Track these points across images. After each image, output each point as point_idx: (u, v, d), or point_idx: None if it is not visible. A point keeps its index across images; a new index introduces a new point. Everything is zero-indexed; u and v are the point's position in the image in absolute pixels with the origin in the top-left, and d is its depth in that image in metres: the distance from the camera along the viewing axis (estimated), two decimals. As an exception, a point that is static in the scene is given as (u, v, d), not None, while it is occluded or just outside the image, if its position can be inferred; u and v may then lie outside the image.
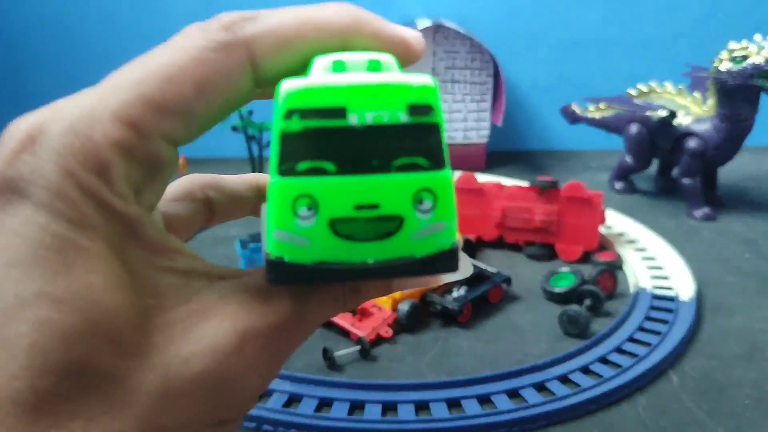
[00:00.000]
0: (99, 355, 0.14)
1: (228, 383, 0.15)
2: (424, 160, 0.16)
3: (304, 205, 0.15)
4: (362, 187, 0.15)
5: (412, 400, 0.43)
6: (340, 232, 0.15)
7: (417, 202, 0.16)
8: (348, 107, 0.15)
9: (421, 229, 0.16)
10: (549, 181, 0.68)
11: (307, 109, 0.15)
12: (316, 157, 0.15)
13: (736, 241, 0.74)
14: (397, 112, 0.15)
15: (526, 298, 0.60)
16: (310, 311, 0.17)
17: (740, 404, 0.44)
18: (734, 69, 0.74)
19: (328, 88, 0.15)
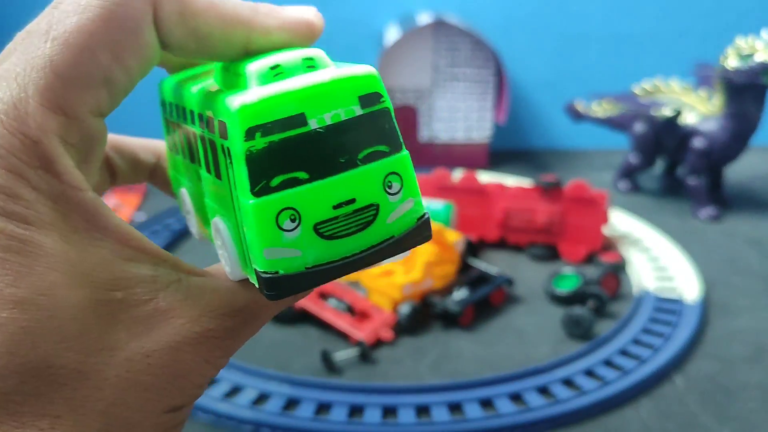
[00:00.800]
0: (64, 353, 0.14)
1: (184, 376, 0.16)
2: (384, 147, 0.16)
3: (288, 217, 0.15)
4: (337, 185, 0.16)
5: (412, 403, 0.43)
6: (325, 234, 0.16)
7: (387, 187, 0.16)
8: (307, 113, 0.15)
9: (394, 211, 0.17)
10: (552, 181, 0.68)
11: (268, 124, 0.15)
12: (287, 169, 0.15)
13: (741, 242, 0.74)
14: (351, 107, 0.16)
15: (528, 299, 0.60)
16: (267, 309, 0.18)
17: (746, 407, 0.43)
18: (741, 67, 0.73)
19: (283, 97, 0.15)
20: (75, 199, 0.15)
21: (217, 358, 0.17)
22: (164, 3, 0.16)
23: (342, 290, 0.56)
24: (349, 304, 0.54)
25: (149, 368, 0.16)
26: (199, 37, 0.17)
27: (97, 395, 0.15)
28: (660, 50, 1.14)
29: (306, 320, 0.55)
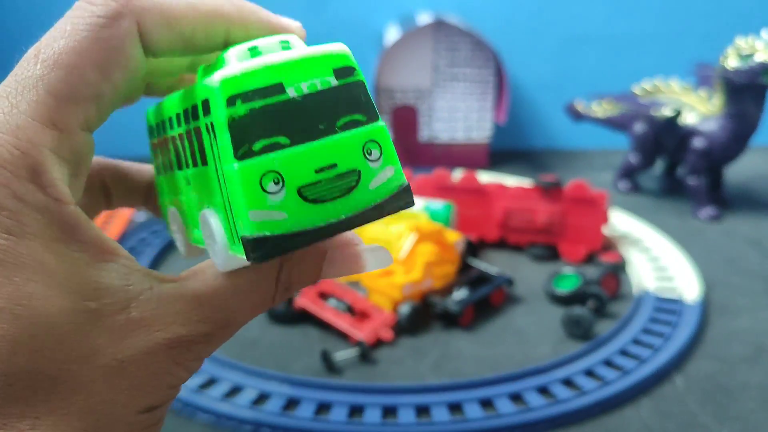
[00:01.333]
0: (43, 359, 0.15)
1: (157, 378, 0.17)
2: (361, 116, 0.17)
3: (271, 180, 0.16)
4: (318, 151, 0.16)
5: (412, 403, 0.43)
6: (309, 197, 0.16)
7: (367, 154, 0.17)
8: (284, 82, 0.16)
9: (376, 177, 0.17)
10: (552, 181, 0.68)
11: (248, 92, 0.16)
12: (268, 134, 0.16)
13: (741, 242, 0.74)
14: (327, 78, 0.17)
15: (528, 299, 0.60)
16: (242, 314, 0.18)
17: (746, 407, 0.43)
18: (741, 67, 0.73)
19: (261, 69, 0.16)
20: (58, 211, 0.16)
21: (189, 361, 0.18)
22: (148, 16, 0.17)
23: (342, 290, 0.56)
24: (349, 304, 0.54)
25: (124, 372, 0.16)
26: (185, 38, 0.18)
27: (74, 398, 0.16)
28: (660, 51, 1.14)
29: (306, 320, 0.55)
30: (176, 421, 0.43)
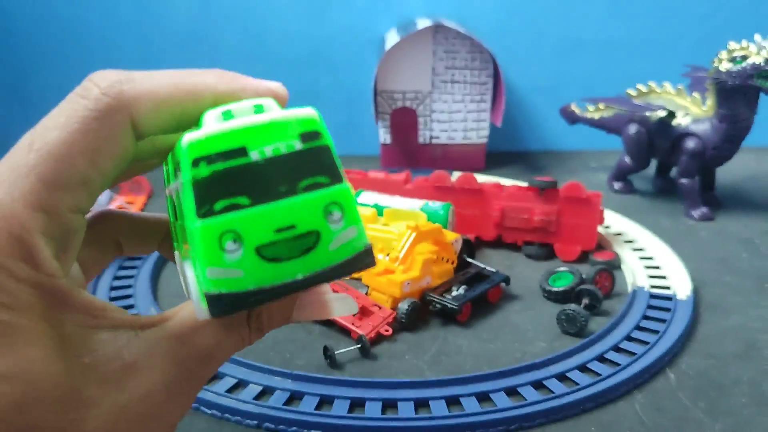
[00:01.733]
0: (45, 415, 0.17)
1: (156, 420, 0.19)
2: (324, 178, 0.18)
3: (230, 239, 0.17)
4: (277, 212, 0.17)
5: (411, 398, 0.43)
6: (267, 257, 0.17)
7: (328, 215, 0.18)
8: (248, 146, 0.17)
9: (336, 238, 0.18)
10: (548, 182, 0.68)
11: (211, 155, 0.17)
12: (229, 195, 0.17)
13: (733, 241, 0.75)
14: (291, 142, 0.18)
15: (524, 297, 0.61)
16: (221, 351, 0.20)
17: (737, 402, 0.44)
18: (734, 69, 0.74)
19: (225, 133, 0.17)
20: (50, 285, 0.18)
21: (184, 400, 0.20)
22: (139, 106, 0.18)
23: (343, 288, 0.57)
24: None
25: (125, 417, 0.18)
26: (175, 117, 0.19)
27: None
28: (654, 56, 1.15)
29: (307, 317, 0.56)
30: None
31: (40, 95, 1.14)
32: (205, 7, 1.10)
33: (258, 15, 1.11)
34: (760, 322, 0.55)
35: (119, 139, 0.18)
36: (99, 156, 0.18)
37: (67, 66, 1.12)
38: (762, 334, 0.53)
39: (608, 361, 0.48)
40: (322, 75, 1.15)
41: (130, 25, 1.10)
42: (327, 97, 1.16)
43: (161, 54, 1.12)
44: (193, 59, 1.13)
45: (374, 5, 1.11)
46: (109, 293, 0.59)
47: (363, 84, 1.14)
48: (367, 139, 1.18)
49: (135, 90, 0.18)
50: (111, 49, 1.12)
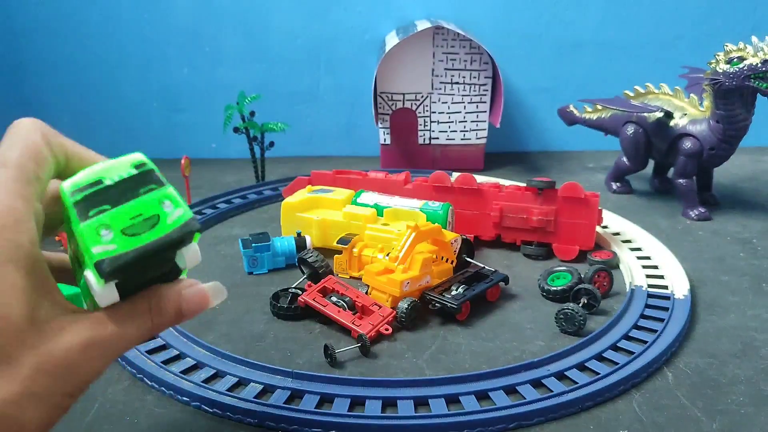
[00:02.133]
0: (9, 342, 0.25)
1: (75, 370, 0.26)
2: (155, 186, 0.29)
3: (102, 228, 0.27)
4: (129, 208, 0.28)
5: (411, 396, 0.44)
6: (128, 234, 0.27)
7: (162, 203, 0.28)
8: (102, 178, 0.28)
9: (170, 215, 0.28)
10: (546, 182, 0.69)
11: (80, 187, 0.28)
12: (96, 205, 0.27)
13: (730, 241, 0.75)
14: (130, 170, 0.29)
15: (523, 296, 0.61)
16: (130, 329, 0.28)
17: (734, 401, 0.44)
18: (730, 70, 0.74)
19: (87, 174, 0.28)
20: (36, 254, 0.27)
21: (96, 359, 0.27)
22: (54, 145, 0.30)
23: (344, 288, 0.57)
24: (351, 300, 0.55)
25: (54, 361, 0.26)
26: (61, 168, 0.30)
27: (18, 371, 0.25)
28: (651, 57, 1.15)
29: (309, 316, 0.56)
30: (183, 414, 0.43)
31: (40, 95, 1.14)
32: (206, 8, 1.11)
33: (259, 17, 1.11)
34: (758, 321, 0.56)
35: (48, 152, 0.29)
36: (42, 161, 0.28)
37: (67, 66, 1.13)
38: (759, 333, 0.54)
39: (606, 359, 0.49)
40: (323, 76, 1.15)
41: (131, 26, 1.11)
42: (327, 99, 1.17)
43: (162, 54, 1.13)
44: (194, 59, 1.13)
45: (374, 7, 1.11)
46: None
47: (363, 85, 1.14)
48: (367, 140, 1.18)
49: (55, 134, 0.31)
50: (112, 49, 1.12)
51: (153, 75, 1.14)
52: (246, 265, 0.67)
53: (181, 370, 0.47)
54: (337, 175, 0.80)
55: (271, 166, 1.08)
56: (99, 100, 1.15)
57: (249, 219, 0.85)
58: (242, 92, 0.94)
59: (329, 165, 1.10)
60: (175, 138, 1.18)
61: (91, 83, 1.14)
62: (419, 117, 1.04)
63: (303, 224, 0.71)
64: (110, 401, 0.45)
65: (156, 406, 0.44)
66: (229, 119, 0.92)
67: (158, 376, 0.46)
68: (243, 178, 1.04)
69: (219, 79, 1.14)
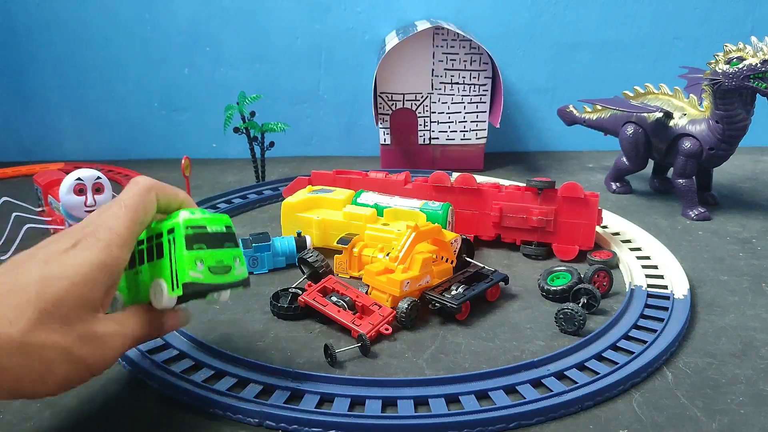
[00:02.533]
0: (80, 314, 0.35)
1: (101, 346, 0.36)
2: (234, 244, 0.41)
3: (197, 261, 0.39)
4: (217, 254, 0.40)
5: (411, 396, 0.44)
6: (212, 272, 0.39)
7: (234, 259, 0.41)
8: (207, 226, 0.40)
9: (237, 270, 0.41)
10: (546, 182, 0.69)
11: (191, 226, 0.39)
12: (198, 243, 0.39)
13: (730, 241, 0.75)
14: (223, 227, 0.41)
15: (523, 296, 0.61)
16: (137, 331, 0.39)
17: (734, 401, 0.44)
18: (730, 70, 0.75)
19: (199, 218, 0.40)
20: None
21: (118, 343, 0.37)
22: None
23: (344, 287, 0.57)
24: (351, 300, 0.55)
25: (93, 336, 0.36)
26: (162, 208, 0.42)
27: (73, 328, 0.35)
28: (651, 58, 1.16)
29: (309, 316, 0.56)
30: (184, 413, 0.44)
31: (41, 96, 1.14)
32: (206, 9, 1.11)
33: (259, 18, 1.12)
34: (757, 321, 0.56)
35: (153, 202, 0.41)
36: (149, 209, 0.40)
37: (69, 66, 1.13)
38: (759, 333, 0.54)
39: (606, 359, 0.49)
40: (323, 76, 1.15)
41: (132, 26, 1.11)
42: (328, 99, 1.17)
43: (163, 55, 1.13)
44: (195, 60, 1.13)
45: (374, 8, 1.11)
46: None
47: (363, 86, 1.15)
48: (367, 140, 1.18)
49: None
50: (113, 50, 1.12)
51: (154, 75, 1.14)
52: (246, 263, 0.67)
53: (181, 369, 0.47)
54: (337, 175, 0.80)
55: (272, 166, 1.08)
56: (100, 101, 1.15)
57: (249, 219, 0.85)
58: (242, 92, 0.94)
59: (329, 165, 1.10)
60: (175, 138, 1.18)
61: (92, 83, 1.14)
62: (419, 117, 1.04)
63: (303, 224, 0.71)
64: (111, 400, 0.45)
65: (157, 406, 0.44)
66: (230, 119, 0.92)
67: (159, 375, 0.46)
68: (243, 178, 1.04)
69: (219, 80, 1.14)
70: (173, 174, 1.06)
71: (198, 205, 0.43)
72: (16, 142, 1.16)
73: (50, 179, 0.76)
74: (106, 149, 1.18)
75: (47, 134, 1.16)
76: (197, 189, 0.97)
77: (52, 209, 0.74)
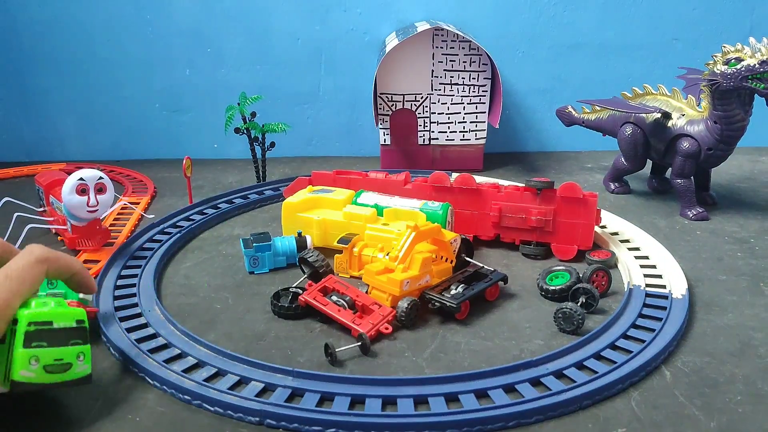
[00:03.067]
0: None
1: None
2: (81, 341, 0.41)
3: (33, 359, 0.38)
4: (57, 352, 0.40)
5: (411, 395, 0.44)
6: (48, 370, 0.39)
7: (78, 356, 0.41)
8: (54, 321, 0.40)
9: (79, 368, 0.41)
10: (545, 182, 0.69)
11: (33, 322, 0.39)
12: (38, 340, 0.39)
13: (728, 241, 0.75)
14: (72, 323, 0.41)
15: (522, 295, 0.61)
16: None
17: (732, 399, 0.44)
18: (728, 71, 0.75)
19: (46, 313, 0.40)
20: None
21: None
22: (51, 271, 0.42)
23: (344, 287, 0.57)
24: (351, 299, 0.56)
25: None
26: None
27: None
28: (649, 58, 1.16)
29: (310, 315, 0.57)
30: (184, 413, 0.44)
31: (43, 97, 1.15)
32: (207, 10, 1.11)
33: (260, 19, 1.12)
34: (755, 320, 0.56)
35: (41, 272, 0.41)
36: (35, 280, 0.41)
37: (70, 67, 1.13)
38: (757, 332, 0.54)
39: (604, 358, 0.49)
40: (323, 77, 1.16)
41: (134, 27, 1.11)
42: (328, 100, 1.17)
43: (164, 56, 1.13)
44: (196, 61, 1.14)
45: (374, 9, 1.11)
46: (114, 291, 0.60)
47: (363, 86, 1.15)
48: (367, 141, 1.19)
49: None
50: (114, 51, 1.12)
51: (155, 76, 1.15)
52: (247, 264, 0.67)
53: (182, 368, 0.47)
54: (338, 176, 0.81)
55: (272, 166, 1.08)
56: (101, 101, 1.15)
57: (250, 219, 0.85)
58: (243, 93, 0.95)
59: (330, 165, 1.10)
60: (177, 138, 1.19)
61: (93, 84, 1.14)
62: (419, 118, 1.05)
63: (304, 224, 0.72)
64: (112, 400, 0.45)
65: (158, 405, 0.45)
66: (231, 120, 0.93)
67: (160, 374, 0.46)
68: (244, 178, 1.04)
69: (220, 80, 1.15)
70: (174, 174, 1.06)
71: (199, 206, 0.43)
72: (18, 142, 1.17)
73: (52, 179, 0.76)
74: (107, 150, 1.18)
75: (49, 135, 1.16)
76: (198, 189, 0.97)
77: (54, 209, 0.75)
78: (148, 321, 0.54)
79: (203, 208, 0.85)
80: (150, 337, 0.52)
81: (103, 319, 0.54)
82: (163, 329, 0.53)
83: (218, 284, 0.64)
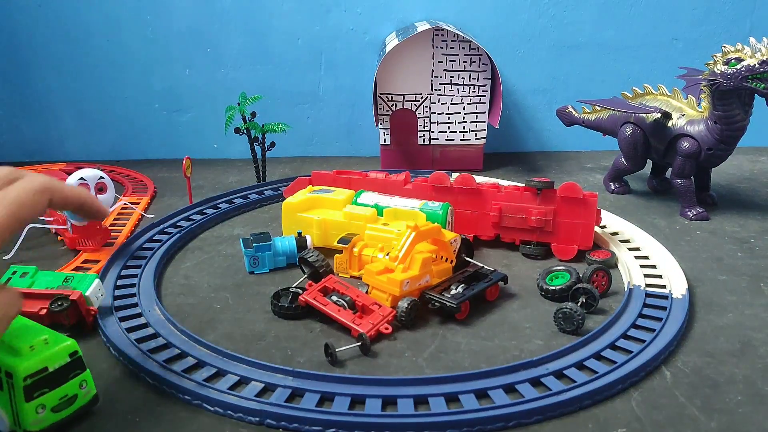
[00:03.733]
0: None
1: None
2: (80, 371, 0.41)
3: (40, 408, 0.39)
4: (60, 391, 0.40)
5: (411, 395, 0.44)
6: (55, 410, 0.40)
7: (81, 385, 0.42)
8: (48, 366, 0.39)
9: (83, 394, 0.42)
10: (545, 182, 0.69)
11: (29, 376, 0.38)
12: (41, 389, 0.39)
13: (728, 241, 0.75)
14: (66, 358, 0.41)
15: (522, 295, 0.61)
16: None
17: (732, 400, 0.45)
18: (728, 71, 0.75)
19: (40, 361, 0.39)
20: None
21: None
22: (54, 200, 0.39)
23: (344, 287, 0.57)
24: (351, 299, 0.56)
25: None
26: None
27: None
28: (649, 58, 1.16)
29: (310, 315, 0.57)
30: (184, 412, 0.44)
31: (43, 97, 1.15)
32: (207, 10, 1.11)
33: (260, 19, 1.12)
34: (755, 320, 0.56)
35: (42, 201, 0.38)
36: (33, 210, 0.37)
37: (70, 68, 1.13)
38: (757, 332, 0.54)
39: (605, 358, 0.49)
40: (323, 77, 1.16)
41: (134, 27, 1.11)
42: (328, 100, 1.17)
43: (164, 56, 1.13)
44: (196, 61, 1.14)
45: (374, 9, 1.11)
46: (114, 291, 0.60)
47: (363, 86, 1.15)
48: (367, 141, 1.19)
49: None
50: (114, 51, 1.12)
51: (155, 76, 1.15)
52: (247, 264, 0.67)
53: (182, 368, 0.47)
54: (338, 176, 0.81)
55: (272, 166, 1.08)
56: (102, 101, 1.15)
57: (250, 219, 0.85)
58: (243, 93, 0.95)
59: (330, 165, 1.10)
60: (177, 139, 1.19)
61: (93, 84, 1.14)
62: (419, 118, 1.05)
63: (304, 224, 0.72)
64: (112, 399, 0.45)
65: (158, 405, 0.45)
66: (231, 120, 0.93)
67: (160, 374, 0.46)
68: (244, 178, 1.04)
69: (220, 81, 1.15)
70: (174, 174, 1.06)
71: (199, 206, 0.43)
72: (18, 142, 1.17)
73: (52, 180, 0.76)
74: (107, 150, 1.18)
75: (49, 135, 1.16)
76: (198, 189, 0.97)
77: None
78: (148, 321, 0.54)
79: (203, 208, 0.85)
80: (150, 337, 0.52)
81: (103, 318, 0.54)
82: (163, 329, 0.53)
83: (218, 284, 0.64)
